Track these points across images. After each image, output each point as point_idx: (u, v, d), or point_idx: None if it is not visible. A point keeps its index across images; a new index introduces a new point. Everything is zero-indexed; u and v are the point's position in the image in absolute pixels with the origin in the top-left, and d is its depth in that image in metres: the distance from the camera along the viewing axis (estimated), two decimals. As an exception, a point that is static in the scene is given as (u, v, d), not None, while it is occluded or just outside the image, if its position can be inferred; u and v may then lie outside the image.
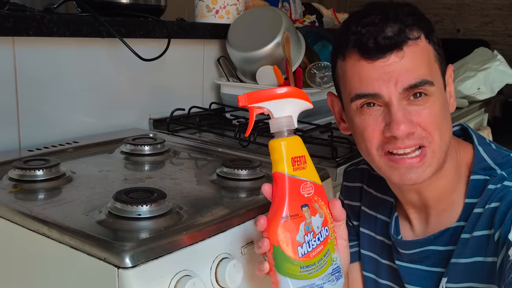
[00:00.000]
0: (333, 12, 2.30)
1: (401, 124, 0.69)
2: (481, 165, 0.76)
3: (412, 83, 0.69)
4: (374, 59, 0.69)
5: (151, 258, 0.64)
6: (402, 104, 0.70)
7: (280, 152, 0.64)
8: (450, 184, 0.77)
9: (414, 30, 0.70)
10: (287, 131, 0.65)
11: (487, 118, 2.32)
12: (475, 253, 0.73)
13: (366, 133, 0.73)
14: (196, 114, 1.41)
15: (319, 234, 0.65)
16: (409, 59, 0.69)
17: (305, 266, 0.64)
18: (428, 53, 0.72)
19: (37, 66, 1.14)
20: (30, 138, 1.13)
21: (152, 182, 0.93)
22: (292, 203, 0.64)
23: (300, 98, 0.65)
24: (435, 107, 0.71)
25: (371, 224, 0.89)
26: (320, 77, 1.47)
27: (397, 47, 0.69)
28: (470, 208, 0.75)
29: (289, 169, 0.64)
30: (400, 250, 0.82)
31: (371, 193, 0.90)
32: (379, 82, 0.70)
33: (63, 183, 0.89)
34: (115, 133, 1.25)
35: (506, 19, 6.04)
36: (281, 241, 0.63)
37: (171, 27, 1.36)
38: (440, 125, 0.72)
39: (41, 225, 0.71)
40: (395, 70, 0.69)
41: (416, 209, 0.82)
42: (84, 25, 1.15)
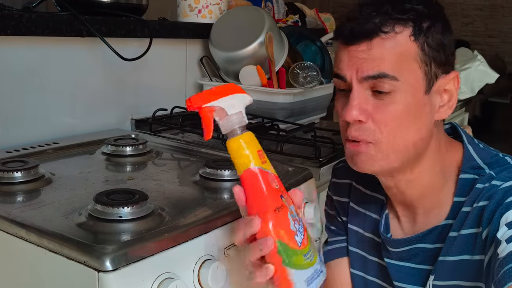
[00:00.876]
0: (316, 12, 2.31)
1: (352, 109, 0.71)
2: (470, 164, 0.76)
3: (371, 74, 0.70)
4: (349, 44, 0.72)
5: (132, 261, 0.63)
6: (363, 92, 0.71)
7: (245, 149, 0.62)
8: (434, 183, 0.77)
9: (396, 25, 0.70)
10: (240, 128, 0.63)
11: (467, 117, 2.35)
12: (462, 251, 0.73)
13: (338, 115, 0.77)
14: (178, 114, 1.40)
15: (300, 221, 0.64)
16: (375, 51, 0.70)
17: (306, 254, 0.63)
18: (406, 51, 0.70)
19: (16, 65, 1.12)
20: (8, 139, 1.10)
21: (134, 184, 0.92)
22: (273, 195, 0.62)
23: (242, 92, 0.64)
24: (398, 105, 0.70)
25: (360, 221, 0.89)
26: (303, 77, 1.47)
27: (366, 37, 0.70)
28: (459, 207, 0.75)
29: (258, 162, 0.62)
30: (389, 248, 0.82)
31: (360, 189, 0.90)
32: (346, 67, 0.72)
33: (42, 185, 0.88)
34: (96, 133, 1.24)
35: (486, 19, 6.14)
36: (282, 235, 0.61)
37: (153, 26, 1.35)
38: (400, 126, 0.71)
39: (19, 228, 0.69)
40: (360, 58, 0.71)
41: (403, 206, 0.82)
42: (63, 24, 1.14)
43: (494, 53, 5.84)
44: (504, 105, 5.48)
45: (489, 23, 6.14)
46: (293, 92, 1.44)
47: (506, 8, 6.02)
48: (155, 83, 1.46)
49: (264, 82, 1.45)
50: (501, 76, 2.73)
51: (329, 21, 2.33)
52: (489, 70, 2.02)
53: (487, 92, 5.19)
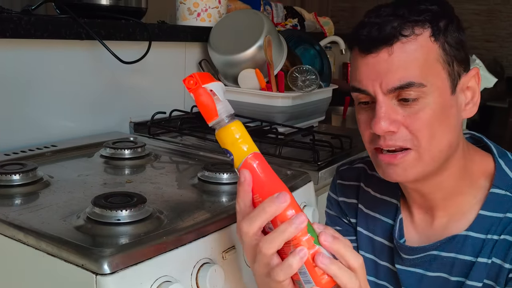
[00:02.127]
0: (315, 16, 2.32)
1: (380, 121, 0.69)
2: (503, 180, 0.75)
3: (397, 85, 0.68)
4: (366, 53, 0.70)
5: (130, 264, 0.62)
6: (390, 103, 0.69)
7: (244, 135, 0.59)
8: (458, 188, 0.76)
9: (415, 27, 0.69)
10: (227, 117, 0.60)
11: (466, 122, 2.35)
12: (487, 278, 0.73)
13: (360, 127, 0.75)
14: (177, 117, 1.40)
15: None
16: (397, 58, 0.68)
17: None
18: (428, 53, 0.69)
19: (14, 68, 1.12)
20: (7, 141, 1.10)
21: (132, 187, 0.92)
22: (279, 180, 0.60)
23: (216, 81, 0.61)
24: (428, 110, 0.69)
25: (369, 224, 0.87)
26: (302, 80, 1.47)
27: (386, 43, 0.68)
28: (483, 222, 0.74)
29: (255, 148, 0.60)
30: (402, 255, 0.81)
31: (369, 192, 0.89)
32: (367, 80, 0.70)
33: (40, 188, 0.87)
34: (95, 136, 1.23)
35: (484, 24, 6.16)
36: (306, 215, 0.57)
37: (152, 29, 1.35)
38: (432, 130, 0.70)
39: (17, 231, 0.69)
40: (382, 69, 0.68)
41: (422, 210, 0.81)
42: (62, 27, 1.14)
43: (492, 58, 5.85)
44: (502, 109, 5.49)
45: (486, 27, 6.15)
46: (292, 96, 1.44)
47: (503, 13, 6.04)
48: (154, 86, 1.46)
49: (263, 85, 1.45)
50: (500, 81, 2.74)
51: (328, 25, 2.34)
52: (488, 74, 2.03)
53: (485, 96, 5.19)
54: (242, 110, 1.45)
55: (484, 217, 0.74)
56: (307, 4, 3.93)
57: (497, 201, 0.73)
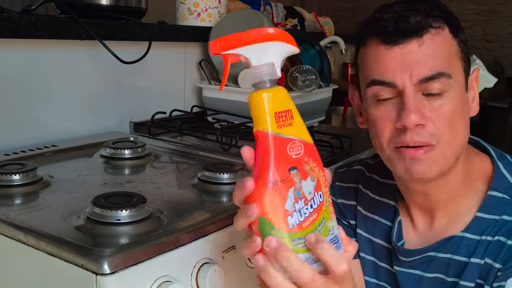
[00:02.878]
0: (315, 16, 2.32)
1: (411, 113, 0.67)
2: (501, 182, 0.75)
3: (428, 75, 0.68)
4: (392, 44, 0.69)
5: (130, 264, 0.63)
6: (416, 96, 0.69)
7: (261, 107, 0.54)
8: (457, 190, 0.76)
9: (438, 21, 0.69)
10: (269, 81, 0.55)
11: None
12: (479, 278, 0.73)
13: (378, 125, 0.72)
14: (177, 117, 1.40)
15: (312, 201, 0.55)
16: (428, 48, 0.68)
17: (297, 238, 0.54)
18: (450, 47, 0.70)
19: (14, 68, 1.12)
20: (7, 141, 1.10)
21: (132, 187, 0.92)
22: (278, 165, 0.54)
23: (284, 40, 0.55)
24: (451, 105, 0.69)
25: (368, 226, 0.87)
26: (302, 80, 1.47)
27: (416, 34, 0.68)
28: (480, 224, 0.74)
29: (273, 126, 0.54)
30: (400, 258, 0.81)
31: (368, 194, 0.89)
32: (395, 72, 0.69)
33: (40, 188, 0.88)
34: (95, 136, 1.24)
35: (484, 24, 6.15)
36: (268, 211, 0.53)
37: (152, 29, 1.35)
38: (454, 125, 0.70)
39: (17, 231, 0.69)
40: (412, 60, 0.68)
41: (422, 211, 0.81)
42: (62, 27, 1.13)
43: (492, 58, 5.85)
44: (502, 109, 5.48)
45: (487, 27, 6.15)
46: (292, 96, 1.43)
47: (504, 13, 6.03)
48: (154, 86, 1.46)
49: (263, 85, 1.45)
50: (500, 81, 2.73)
51: (328, 25, 2.33)
52: (488, 74, 2.02)
53: (485, 96, 5.20)
54: (242, 110, 1.44)
55: (481, 219, 0.74)
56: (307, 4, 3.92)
57: (495, 203, 0.74)
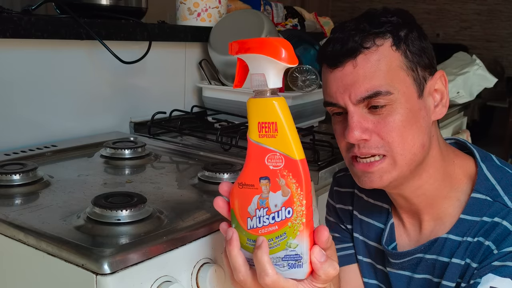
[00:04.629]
0: (315, 16, 2.32)
1: (353, 130, 0.72)
2: (484, 184, 0.76)
3: (364, 95, 0.71)
4: (333, 67, 0.73)
5: (130, 264, 0.62)
6: (360, 112, 0.73)
7: (248, 114, 0.59)
8: (439, 191, 0.78)
9: (376, 39, 0.72)
10: (260, 91, 0.59)
11: (466, 121, 2.35)
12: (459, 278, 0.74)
13: (337, 137, 0.79)
14: (177, 117, 1.40)
15: (275, 213, 0.58)
16: (362, 69, 0.71)
17: (251, 240, 0.61)
18: (391, 62, 0.71)
19: (15, 68, 1.12)
20: (7, 141, 1.10)
21: (132, 187, 0.92)
22: (250, 171, 0.59)
23: (279, 57, 0.57)
24: (397, 116, 0.72)
25: (364, 230, 0.89)
26: (302, 80, 1.47)
27: (350, 56, 0.71)
28: (462, 225, 0.75)
29: (254, 134, 0.59)
30: (391, 260, 0.83)
31: (363, 198, 0.90)
32: (337, 94, 0.74)
33: (40, 188, 0.88)
34: (95, 136, 1.24)
35: (484, 24, 6.16)
36: (235, 206, 0.61)
37: (152, 29, 1.35)
38: (404, 134, 0.72)
39: (17, 231, 0.69)
40: (349, 82, 0.72)
41: (409, 214, 0.82)
42: (62, 27, 1.14)
43: (492, 58, 5.85)
44: (502, 109, 5.49)
45: (487, 27, 6.16)
46: (292, 96, 1.44)
47: (504, 13, 6.04)
48: (154, 86, 1.46)
49: (263, 85, 1.45)
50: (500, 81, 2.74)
51: (328, 25, 2.33)
52: (488, 74, 2.02)
53: (485, 96, 5.20)
54: (242, 110, 1.44)
55: (463, 221, 0.76)
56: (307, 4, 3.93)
57: (477, 205, 0.75)
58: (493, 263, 0.69)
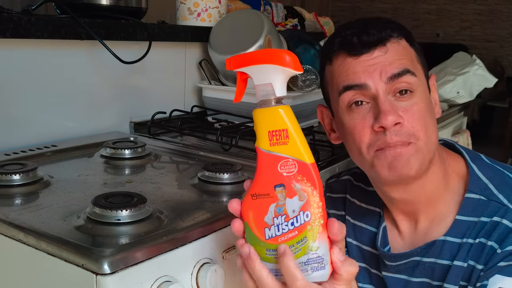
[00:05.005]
0: (315, 16, 2.32)
1: (388, 114, 0.70)
2: (476, 184, 0.76)
3: (395, 72, 0.72)
4: (359, 54, 0.73)
5: (130, 264, 0.63)
6: (388, 98, 0.73)
7: (256, 124, 0.60)
8: (436, 191, 0.77)
9: (395, 32, 0.75)
10: (266, 101, 0.60)
11: (466, 121, 2.35)
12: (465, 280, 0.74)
13: (356, 131, 0.74)
14: (177, 117, 1.40)
15: (294, 219, 0.59)
16: (392, 54, 0.73)
17: (271, 250, 0.60)
18: (411, 52, 0.76)
19: (14, 68, 1.12)
20: (7, 141, 1.10)
21: (133, 187, 0.92)
22: (263, 181, 0.60)
23: (285, 64, 0.58)
24: (421, 104, 0.73)
25: (357, 234, 0.89)
26: (302, 80, 1.47)
27: (380, 43, 0.73)
28: (460, 226, 0.75)
29: (265, 143, 0.59)
30: (386, 262, 0.82)
31: (355, 203, 0.90)
32: (365, 74, 0.73)
33: (40, 188, 0.88)
34: (95, 136, 1.24)
35: (484, 24, 6.16)
36: (249, 219, 0.61)
37: (152, 29, 1.35)
38: (427, 124, 0.73)
39: (17, 231, 0.69)
40: (379, 62, 0.73)
41: (405, 215, 0.82)
42: (62, 27, 1.14)
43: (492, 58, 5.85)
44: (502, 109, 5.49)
45: (487, 27, 6.15)
46: (292, 96, 1.44)
47: (504, 13, 6.04)
48: (154, 86, 1.46)
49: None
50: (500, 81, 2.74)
51: (328, 25, 2.33)
52: (488, 74, 2.02)
53: (485, 96, 5.21)
54: (242, 110, 1.44)
55: (460, 222, 0.75)
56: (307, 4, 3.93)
57: (472, 205, 0.75)
58: (498, 264, 0.69)
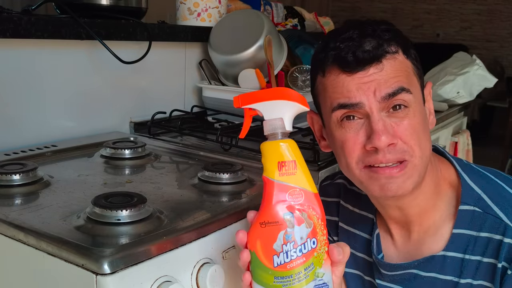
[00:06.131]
0: (315, 16, 2.32)
1: (382, 135, 0.69)
2: (469, 195, 0.75)
3: (390, 92, 0.70)
4: (354, 72, 0.70)
5: (130, 264, 0.62)
6: (382, 116, 0.70)
7: (266, 155, 0.63)
8: (429, 200, 0.77)
9: (391, 45, 0.72)
10: (276, 134, 0.63)
11: (466, 121, 2.35)
12: None
13: (346, 146, 0.73)
14: (177, 117, 1.40)
15: (302, 246, 0.62)
16: (388, 71, 0.71)
17: (280, 277, 0.61)
18: (406, 67, 0.73)
19: (15, 68, 1.12)
20: (7, 141, 1.10)
21: (133, 187, 0.92)
22: (273, 209, 0.62)
23: (294, 100, 0.63)
24: (415, 119, 0.71)
25: (350, 241, 0.87)
26: (302, 80, 1.47)
27: (376, 60, 0.70)
28: (459, 240, 0.74)
29: (274, 174, 0.62)
30: (382, 271, 0.81)
31: (348, 208, 0.89)
32: (359, 92, 0.70)
33: (40, 188, 0.88)
34: (95, 136, 1.24)
35: (484, 24, 6.16)
36: (257, 248, 0.62)
37: (152, 29, 1.35)
38: (421, 138, 0.72)
39: (17, 231, 0.69)
40: (374, 80, 0.70)
41: (398, 224, 0.81)
42: (62, 27, 1.14)
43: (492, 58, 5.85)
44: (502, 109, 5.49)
45: (487, 27, 6.15)
46: (292, 96, 1.44)
47: (504, 13, 6.03)
48: (154, 86, 1.46)
49: (263, 85, 1.45)
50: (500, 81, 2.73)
51: (328, 25, 2.33)
52: (488, 74, 2.02)
53: (485, 96, 5.20)
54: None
55: (458, 236, 0.74)
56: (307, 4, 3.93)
57: (468, 218, 0.74)
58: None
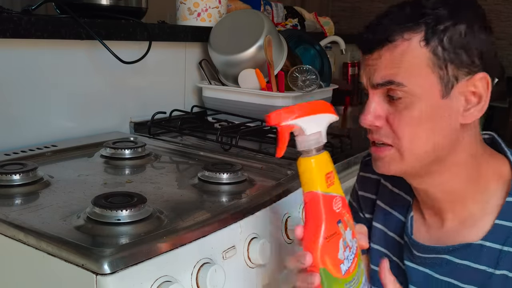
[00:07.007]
0: (315, 16, 2.32)
1: (367, 115, 0.74)
2: None
3: (379, 82, 0.73)
4: (364, 53, 0.76)
5: (130, 264, 0.62)
6: (378, 99, 0.74)
7: (310, 170, 0.62)
8: (465, 191, 0.75)
9: (405, 33, 0.70)
10: (319, 148, 0.64)
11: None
12: None
13: None
14: (177, 117, 1.40)
15: (352, 247, 0.65)
16: (385, 60, 0.72)
17: (348, 282, 0.63)
18: (415, 57, 0.70)
19: (14, 68, 1.12)
20: (7, 141, 1.10)
21: (133, 187, 0.92)
22: (329, 222, 0.62)
23: (330, 112, 0.66)
24: (414, 112, 0.70)
25: (385, 219, 0.88)
26: (302, 80, 1.47)
27: (377, 46, 0.73)
28: (500, 232, 0.73)
29: (323, 187, 0.62)
30: (414, 252, 0.80)
31: (387, 186, 0.89)
32: (363, 76, 0.77)
33: (40, 188, 0.88)
34: (95, 136, 1.24)
35: (484, 24, 6.15)
36: (327, 263, 0.62)
37: (152, 29, 1.35)
38: (416, 130, 0.71)
39: (17, 231, 0.69)
40: (372, 66, 0.74)
41: (432, 211, 0.81)
42: (62, 27, 1.13)
43: (492, 58, 5.84)
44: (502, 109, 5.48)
45: (487, 27, 6.15)
46: (292, 96, 1.44)
47: (504, 13, 6.03)
48: (154, 86, 1.46)
49: (263, 85, 1.45)
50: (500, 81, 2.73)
51: (328, 25, 2.33)
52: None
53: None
54: (242, 110, 1.45)
55: (500, 227, 0.73)
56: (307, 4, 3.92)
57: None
58: None
